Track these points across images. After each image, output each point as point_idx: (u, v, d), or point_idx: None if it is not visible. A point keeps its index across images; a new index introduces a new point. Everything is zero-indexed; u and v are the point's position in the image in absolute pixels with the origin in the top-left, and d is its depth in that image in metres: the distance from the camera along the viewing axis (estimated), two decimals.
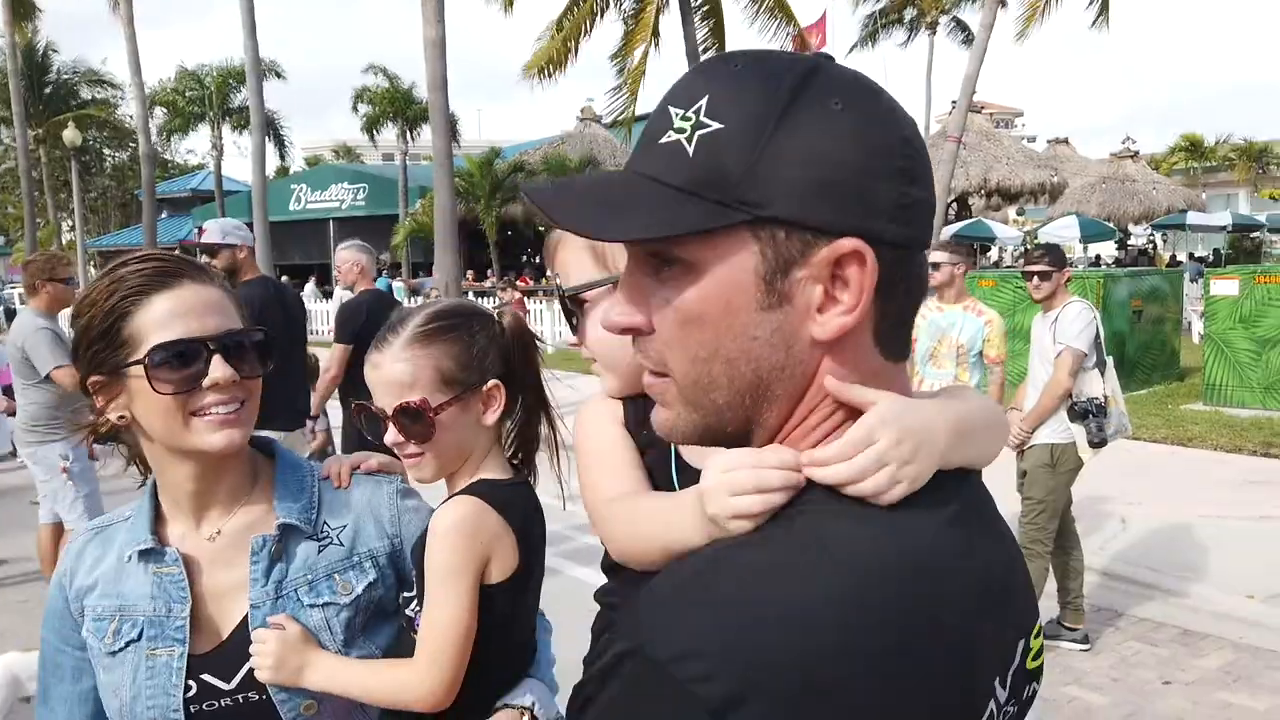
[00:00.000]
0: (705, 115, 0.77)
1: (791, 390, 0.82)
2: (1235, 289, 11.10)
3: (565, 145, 30.23)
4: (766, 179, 0.76)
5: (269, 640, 1.37)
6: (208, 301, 1.37)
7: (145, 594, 1.41)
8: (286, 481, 1.49)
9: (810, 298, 0.78)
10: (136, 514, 1.47)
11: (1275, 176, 49.15)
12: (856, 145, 0.77)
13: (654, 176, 0.79)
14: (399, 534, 1.52)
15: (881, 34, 38.19)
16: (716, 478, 0.82)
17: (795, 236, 0.77)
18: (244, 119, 31.69)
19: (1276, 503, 7.26)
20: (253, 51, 20.91)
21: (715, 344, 0.80)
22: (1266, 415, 10.45)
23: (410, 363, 1.42)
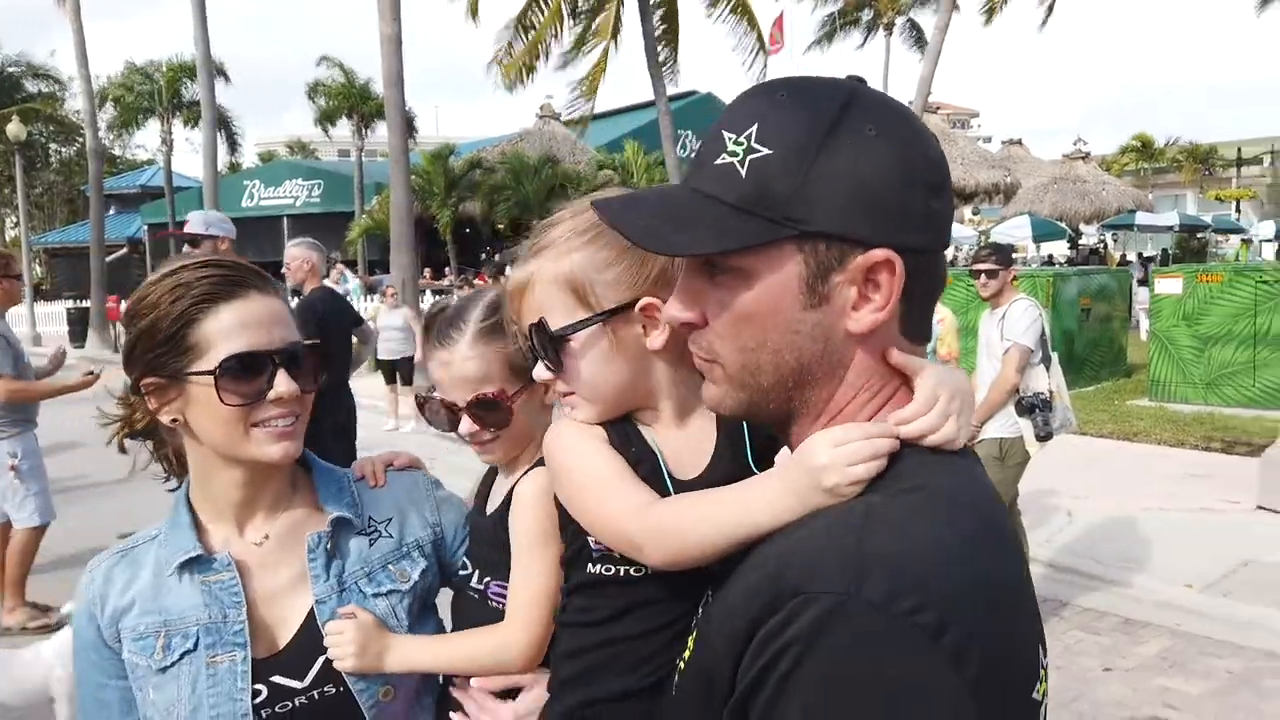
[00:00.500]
0: (756, 141, 0.90)
1: (830, 374, 0.95)
2: (1179, 288, 11.40)
3: (524, 143, 30.13)
4: (810, 199, 0.88)
5: (346, 629, 1.39)
6: (273, 313, 1.38)
7: (194, 604, 1.39)
8: (326, 483, 1.52)
9: (846, 298, 0.91)
10: (170, 529, 1.45)
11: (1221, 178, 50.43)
12: (889, 167, 0.89)
13: (711, 194, 0.92)
14: (439, 523, 1.58)
15: (839, 34, 38.57)
16: (831, 454, 0.91)
17: (835, 247, 0.90)
18: (195, 114, 31.19)
19: (1216, 495, 7.48)
20: (204, 45, 20.58)
21: (763, 337, 0.94)
22: (1208, 410, 10.76)
23: (481, 359, 1.47)
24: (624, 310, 1.18)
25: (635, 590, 1.21)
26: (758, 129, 0.90)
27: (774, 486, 0.96)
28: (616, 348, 1.20)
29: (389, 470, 1.60)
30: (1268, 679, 4.66)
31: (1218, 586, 5.61)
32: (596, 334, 1.19)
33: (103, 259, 25.65)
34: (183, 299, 1.34)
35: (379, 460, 1.60)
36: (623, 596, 1.22)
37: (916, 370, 0.96)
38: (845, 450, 0.90)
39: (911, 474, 0.91)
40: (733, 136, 0.92)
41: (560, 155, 29.56)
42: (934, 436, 0.94)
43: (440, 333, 1.50)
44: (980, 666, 0.78)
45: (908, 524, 0.85)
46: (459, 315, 1.50)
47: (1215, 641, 5.10)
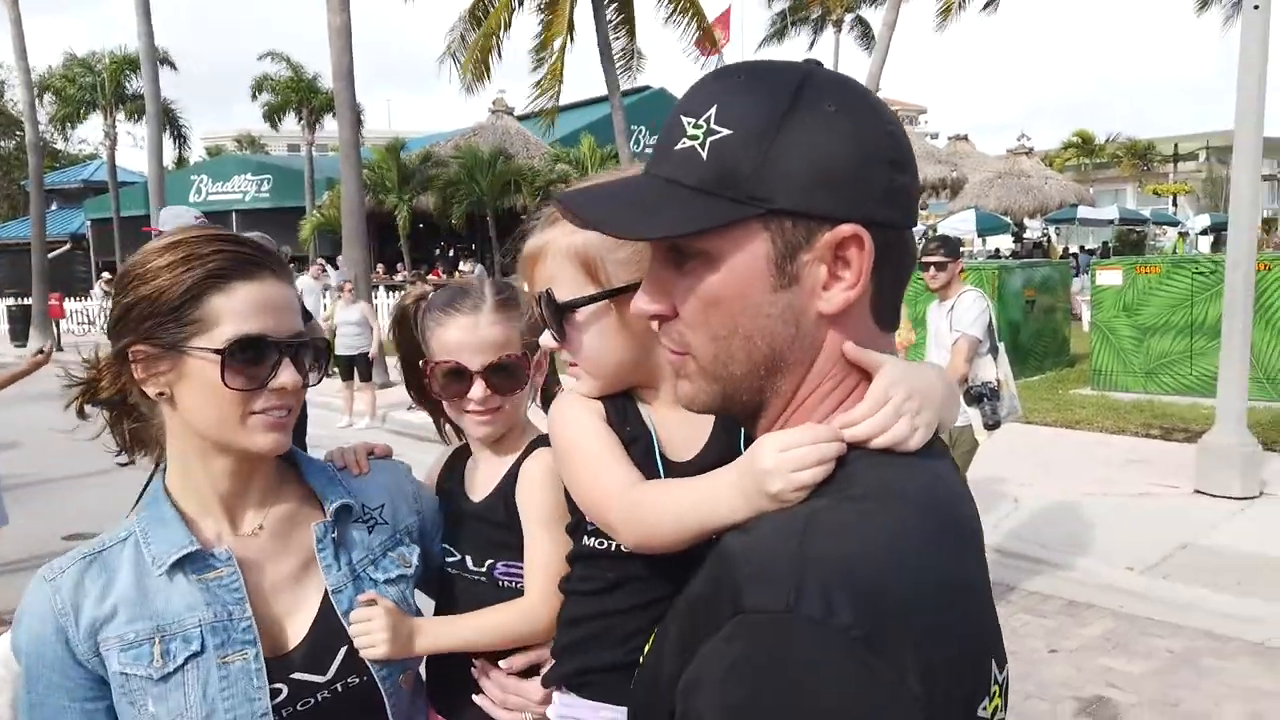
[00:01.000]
0: (715, 123, 0.89)
1: (802, 359, 0.93)
2: (1119, 279, 11.70)
3: (478, 137, 29.92)
4: (773, 176, 0.87)
5: (374, 616, 1.39)
6: (284, 299, 1.33)
7: (191, 605, 1.30)
8: (314, 473, 1.49)
9: (816, 277, 0.90)
10: (151, 525, 1.34)
11: (1159, 173, 51.70)
12: (850, 142, 0.88)
13: (672, 179, 0.91)
14: (421, 509, 1.59)
15: (790, 31, 38.85)
16: (776, 458, 0.89)
17: (801, 225, 0.88)
18: (139, 107, 30.46)
19: (1154, 480, 7.71)
20: (147, 37, 20.15)
21: (734, 323, 0.92)
22: (1147, 398, 11.06)
23: (505, 324, 1.54)
24: (631, 290, 1.17)
25: (624, 565, 1.24)
26: (716, 110, 0.89)
27: (725, 485, 0.96)
28: (621, 325, 1.21)
29: (370, 458, 1.60)
30: (1206, 658, 4.83)
31: (1158, 569, 5.79)
32: (602, 310, 1.21)
33: (44, 256, 25.05)
34: (195, 270, 1.27)
35: (360, 448, 1.60)
36: (614, 570, 1.26)
37: (874, 365, 0.94)
38: (790, 455, 0.89)
39: (861, 478, 0.88)
40: (691, 120, 0.90)
41: (514, 150, 29.40)
42: (883, 438, 0.91)
43: (454, 302, 1.55)
44: (924, 678, 0.76)
45: (850, 531, 0.82)
46: (464, 291, 1.56)
47: (1156, 622, 5.27)
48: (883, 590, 0.78)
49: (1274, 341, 10.39)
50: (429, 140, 31.91)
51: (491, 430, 1.56)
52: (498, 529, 1.51)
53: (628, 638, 1.25)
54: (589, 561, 1.29)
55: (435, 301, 1.59)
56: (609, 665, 1.26)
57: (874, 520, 0.83)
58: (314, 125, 34.45)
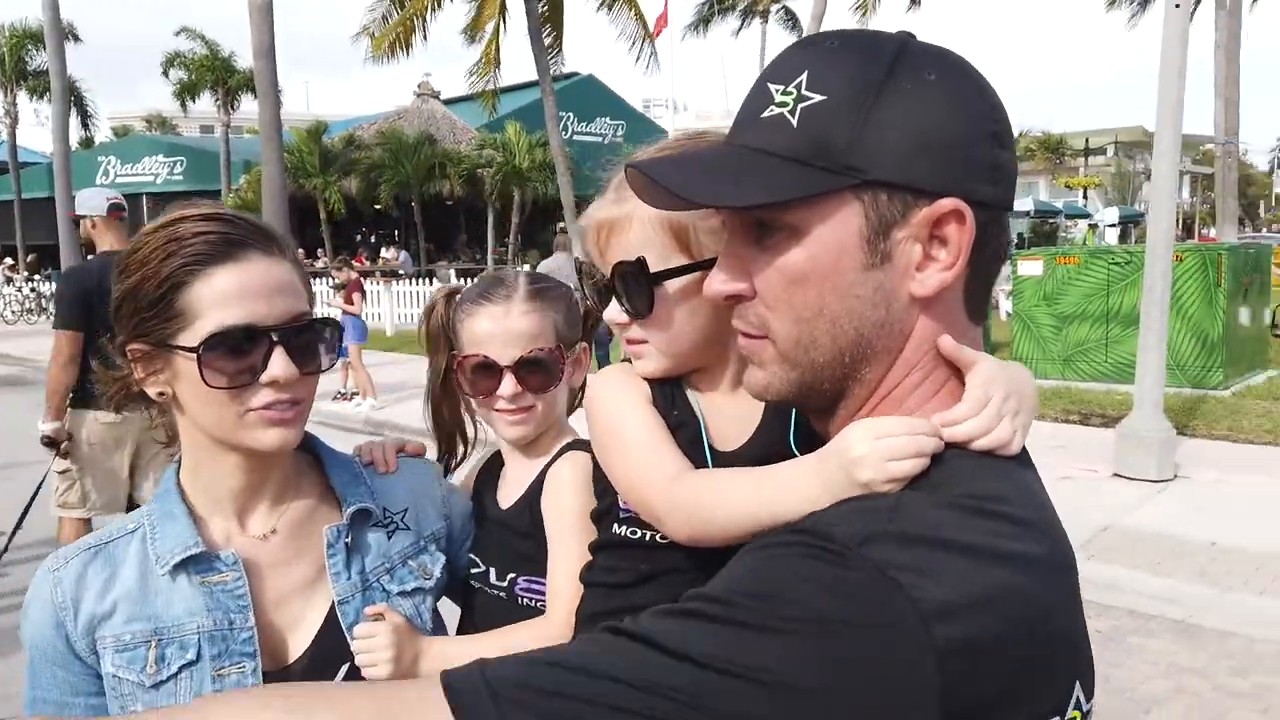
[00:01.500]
0: (807, 89, 0.83)
1: (890, 346, 0.87)
2: (1039, 269, 12.05)
3: (402, 121, 29.38)
4: (870, 145, 0.81)
5: (379, 633, 1.27)
6: (275, 280, 1.20)
7: (192, 609, 1.22)
8: (338, 470, 1.37)
9: (910, 256, 0.84)
10: (160, 520, 1.26)
11: (1070, 167, 53.51)
12: (953, 112, 0.83)
13: (760, 148, 0.85)
14: (450, 514, 1.47)
15: (717, 20, 39.03)
16: (870, 445, 0.83)
17: (897, 198, 0.82)
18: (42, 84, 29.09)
19: (1075, 464, 7.95)
20: (53, 10, 19.22)
21: (820, 303, 0.85)
22: (1065, 385, 11.41)
23: (538, 314, 1.43)
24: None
25: (659, 557, 1.15)
26: (808, 76, 0.83)
27: (804, 473, 0.90)
28: (706, 300, 1.10)
29: (400, 456, 1.47)
30: (1131, 636, 5.01)
31: (1082, 550, 5.97)
32: (692, 283, 1.10)
33: None
34: (174, 257, 1.16)
35: (389, 444, 1.49)
36: (646, 561, 1.17)
37: (969, 363, 0.88)
38: (885, 444, 0.83)
39: (956, 480, 0.81)
40: (779, 87, 0.85)
41: (440, 135, 28.97)
42: (985, 440, 0.85)
43: (485, 292, 1.45)
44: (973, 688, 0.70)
45: (940, 525, 0.76)
46: (501, 280, 1.47)
47: (1085, 602, 5.43)
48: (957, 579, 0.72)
49: (1184, 330, 10.82)
50: (351, 124, 31.19)
51: (524, 432, 1.45)
52: (522, 539, 1.40)
53: None
54: (618, 551, 1.20)
55: (468, 293, 1.49)
56: None
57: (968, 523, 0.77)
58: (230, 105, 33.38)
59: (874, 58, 0.84)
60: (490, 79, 20.94)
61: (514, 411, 1.42)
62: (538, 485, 1.41)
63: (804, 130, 0.83)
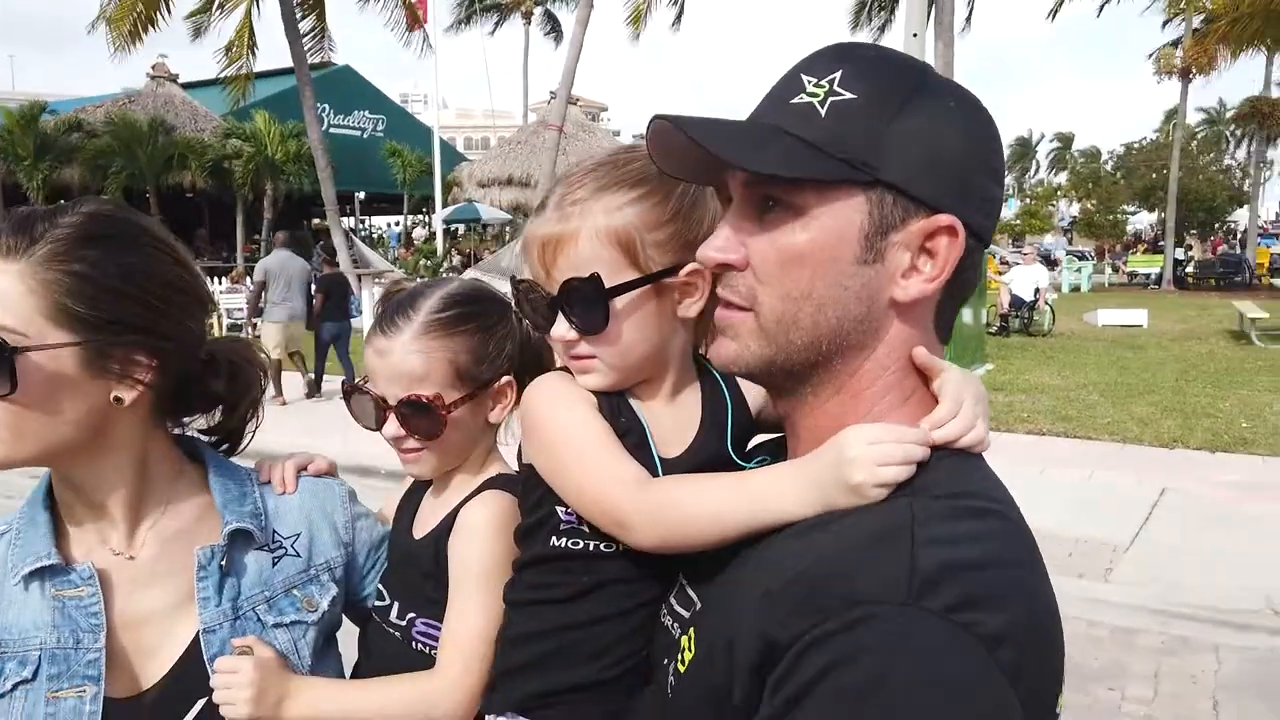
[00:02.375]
0: (840, 85, 0.89)
1: (864, 343, 0.92)
2: None
3: (134, 105, 26.82)
4: (888, 148, 0.87)
5: (242, 669, 1.14)
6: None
7: (39, 623, 1.12)
8: (225, 483, 1.24)
9: (898, 262, 0.89)
10: (24, 525, 1.17)
11: None
12: (964, 140, 0.90)
13: (785, 129, 0.89)
14: (352, 543, 1.34)
15: (478, 18, 38.73)
16: (863, 450, 0.86)
17: (900, 203, 0.88)
18: None
19: None
20: None
21: (810, 286, 0.90)
22: None
23: (424, 355, 1.28)
24: (670, 273, 1.09)
25: (603, 567, 1.12)
26: (842, 75, 0.89)
27: (793, 477, 0.92)
28: (657, 312, 1.11)
29: (301, 475, 1.35)
30: None
31: None
32: (642, 297, 1.10)
33: None
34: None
35: (291, 463, 1.35)
36: (589, 573, 1.12)
37: (940, 370, 0.94)
38: (878, 449, 0.86)
39: (945, 480, 0.87)
40: (813, 80, 0.90)
41: (179, 121, 26.71)
42: (967, 439, 0.91)
43: (385, 315, 1.31)
44: (1028, 679, 0.77)
45: (955, 532, 0.82)
46: (411, 301, 1.32)
47: None
48: (997, 594, 0.78)
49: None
50: (75, 105, 28.09)
51: (420, 470, 1.35)
52: (424, 578, 1.30)
53: (602, 651, 1.11)
54: (553, 566, 1.14)
55: (384, 306, 1.36)
56: (579, 684, 1.11)
57: (972, 525, 0.84)
58: None
59: (904, 74, 0.91)
60: (243, 64, 19.59)
61: (404, 451, 1.33)
62: (449, 521, 1.30)
63: (830, 121, 0.88)
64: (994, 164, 0.93)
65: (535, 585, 1.16)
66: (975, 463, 0.92)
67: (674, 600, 1.09)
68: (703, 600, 1.02)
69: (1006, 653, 0.75)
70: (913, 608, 0.75)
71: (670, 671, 0.99)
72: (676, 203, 1.10)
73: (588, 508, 1.07)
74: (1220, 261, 29.66)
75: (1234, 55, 20.60)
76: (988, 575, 0.80)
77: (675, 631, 1.05)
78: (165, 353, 1.13)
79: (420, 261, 22.35)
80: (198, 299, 1.19)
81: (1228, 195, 38.23)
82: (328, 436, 6.06)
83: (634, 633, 1.11)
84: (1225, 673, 4.64)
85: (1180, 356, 14.09)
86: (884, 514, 0.85)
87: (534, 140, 26.79)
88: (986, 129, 0.93)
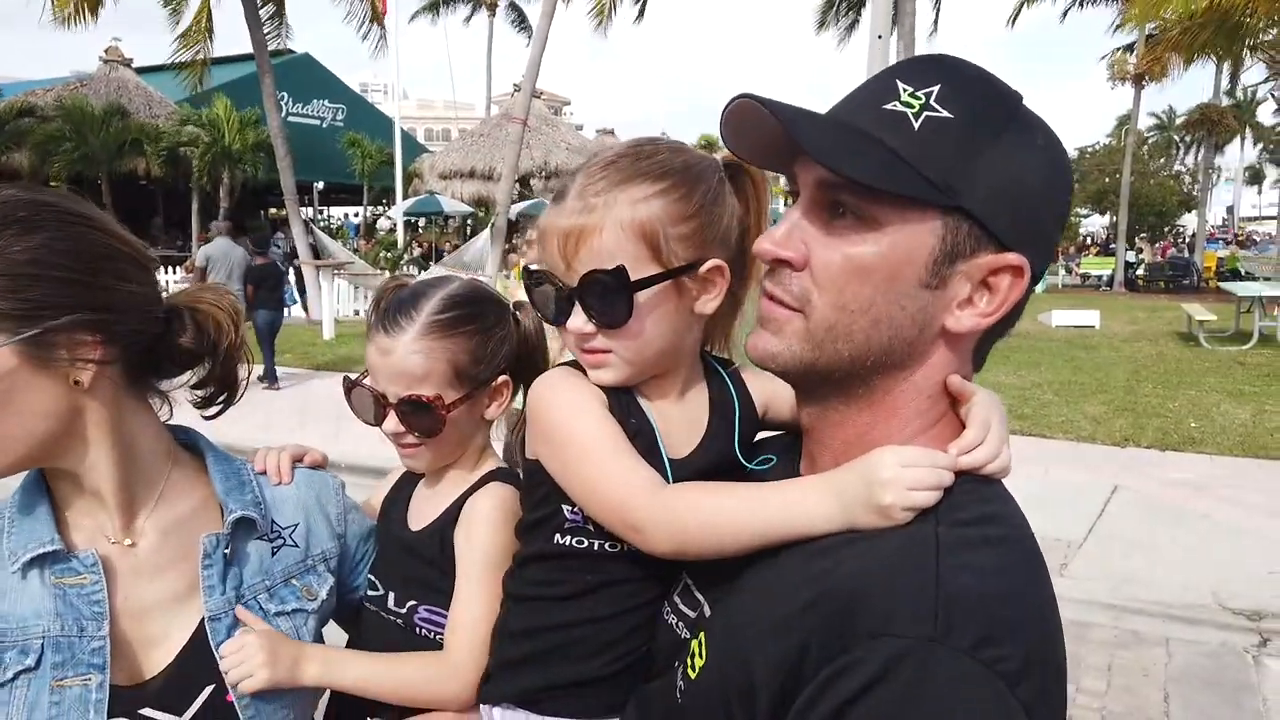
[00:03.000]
0: (936, 100, 0.86)
1: (906, 364, 0.92)
2: None
3: (86, 89, 26.20)
4: (975, 175, 0.85)
5: (248, 642, 1.16)
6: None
7: (40, 611, 1.11)
8: (224, 473, 1.24)
9: (958, 291, 0.89)
10: (19, 513, 1.15)
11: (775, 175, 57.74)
12: (1046, 182, 0.89)
13: (876, 136, 0.87)
14: (344, 534, 1.36)
15: (445, 8, 38.42)
16: (896, 471, 0.86)
17: (974, 234, 0.87)
18: None
19: None
20: None
21: (870, 300, 0.88)
22: None
23: (425, 355, 1.30)
24: (692, 269, 1.08)
25: (607, 566, 1.12)
26: (940, 89, 0.87)
27: (818, 491, 0.92)
28: (677, 307, 1.10)
29: (297, 467, 1.36)
30: None
31: None
32: (663, 292, 1.08)
33: None
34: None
35: (286, 454, 1.36)
36: (591, 572, 1.13)
37: (969, 394, 0.94)
38: (912, 473, 0.86)
39: (968, 504, 0.88)
40: (909, 89, 0.87)
41: (133, 106, 26.15)
42: (992, 465, 0.91)
43: (388, 315, 1.32)
44: (1043, 712, 0.78)
45: (979, 562, 0.83)
46: (414, 301, 1.33)
47: None
48: (1018, 627, 0.80)
49: None
50: (22, 88, 27.38)
51: (418, 465, 1.38)
52: (428, 567, 1.32)
53: (602, 649, 1.12)
54: (555, 563, 1.15)
55: (386, 301, 1.37)
56: (577, 680, 1.13)
57: (995, 552, 0.85)
58: None
59: (1002, 102, 0.90)
60: (200, 48, 19.22)
61: (401, 446, 1.36)
62: (452, 513, 1.33)
63: (922, 136, 0.86)
64: (1063, 211, 0.93)
65: (537, 581, 1.17)
66: (995, 487, 0.93)
67: (678, 598, 1.09)
68: (711, 605, 1.02)
69: (1025, 690, 0.77)
70: (939, 644, 0.76)
71: (679, 675, 0.99)
72: (700, 198, 1.09)
73: (600, 511, 1.06)
74: (1169, 265, 30.33)
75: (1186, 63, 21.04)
76: (1009, 610, 0.81)
77: (682, 632, 1.06)
78: (108, 324, 1.09)
79: (381, 254, 22.10)
80: (132, 260, 1.13)
81: (1177, 200, 39.12)
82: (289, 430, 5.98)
83: (636, 630, 1.13)
84: (1175, 665, 4.78)
85: (1131, 357, 14.39)
86: (909, 539, 0.85)
87: (497, 133, 26.62)
88: (1065, 175, 0.92)
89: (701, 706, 0.92)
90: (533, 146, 27.67)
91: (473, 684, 1.24)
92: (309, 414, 9.99)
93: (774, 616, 0.85)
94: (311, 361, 13.30)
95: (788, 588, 0.87)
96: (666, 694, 1.01)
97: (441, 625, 1.31)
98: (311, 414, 9.99)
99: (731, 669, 0.88)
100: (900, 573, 0.82)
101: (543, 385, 1.15)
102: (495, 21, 38.60)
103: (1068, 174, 0.93)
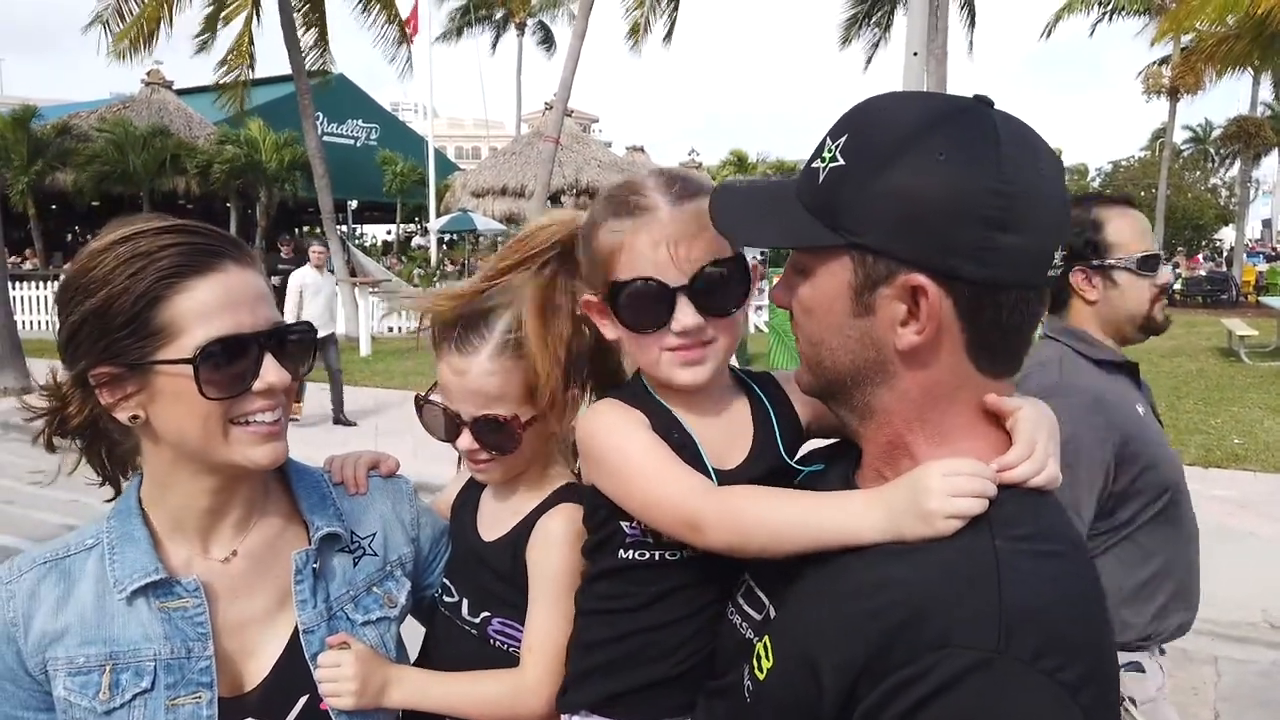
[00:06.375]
0: (840, 152, 0.96)
1: (885, 380, 0.99)
2: None
3: (129, 110, 26.77)
4: (864, 213, 0.94)
5: (344, 662, 1.21)
6: (254, 288, 1.18)
7: (149, 635, 1.18)
8: (306, 489, 1.29)
9: (894, 313, 0.95)
10: (119, 541, 1.20)
11: None
12: (945, 194, 0.90)
13: (797, 193, 1.01)
14: (418, 538, 1.40)
15: (470, 30, 38.84)
16: (940, 480, 0.92)
17: (882, 262, 0.94)
18: None
19: None
20: None
21: (820, 334, 1.02)
22: None
23: (501, 375, 1.32)
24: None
25: (669, 574, 1.18)
26: (844, 140, 0.96)
27: (866, 497, 0.98)
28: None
29: (371, 475, 1.40)
30: None
31: None
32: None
33: None
34: (144, 272, 1.11)
35: (362, 462, 1.40)
36: (655, 582, 1.18)
37: (1010, 411, 0.98)
38: (952, 481, 0.91)
39: (1022, 518, 0.92)
40: (830, 143, 0.98)
41: (175, 127, 26.70)
42: (1038, 479, 0.95)
43: (461, 334, 1.34)
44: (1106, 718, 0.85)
45: (1037, 576, 0.88)
46: (486, 320, 1.33)
47: None
48: (1077, 638, 0.85)
49: None
50: (65, 111, 28.01)
51: (489, 479, 1.41)
52: (500, 580, 1.36)
53: (669, 652, 1.18)
54: (624, 576, 1.21)
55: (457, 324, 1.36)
56: (649, 683, 1.19)
57: (1053, 566, 0.90)
58: None
59: (901, 131, 0.92)
60: (241, 71, 19.60)
61: (474, 461, 1.38)
62: (524, 529, 1.36)
63: (825, 189, 0.97)
64: (988, 213, 0.89)
65: (605, 595, 1.22)
66: (1048, 500, 0.97)
67: (741, 599, 1.14)
68: (776, 607, 1.06)
69: (1085, 697, 0.82)
70: (1004, 656, 0.81)
71: (747, 676, 1.03)
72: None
73: (659, 516, 1.11)
74: (1208, 279, 29.94)
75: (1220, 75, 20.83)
76: (1067, 621, 0.86)
77: (747, 632, 1.10)
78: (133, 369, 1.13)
79: (414, 270, 22.33)
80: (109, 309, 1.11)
81: (1214, 214, 38.62)
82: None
83: (700, 631, 1.18)
84: (1225, 684, 4.72)
85: (1171, 373, 14.22)
86: (968, 552, 0.89)
87: (528, 151, 26.85)
88: (981, 179, 0.89)
89: (770, 708, 0.98)
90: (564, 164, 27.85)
91: (550, 700, 1.28)
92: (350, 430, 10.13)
93: (838, 623, 0.90)
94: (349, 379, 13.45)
95: (851, 594, 0.92)
96: (734, 694, 1.05)
97: (514, 637, 1.34)
98: (352, 430, 10.12)
99: (798, 673, 0.93)
100: (962, 584, 0.87)
101: (588, 421, 1.22)
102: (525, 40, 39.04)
103: (984, 178, 0.89)
